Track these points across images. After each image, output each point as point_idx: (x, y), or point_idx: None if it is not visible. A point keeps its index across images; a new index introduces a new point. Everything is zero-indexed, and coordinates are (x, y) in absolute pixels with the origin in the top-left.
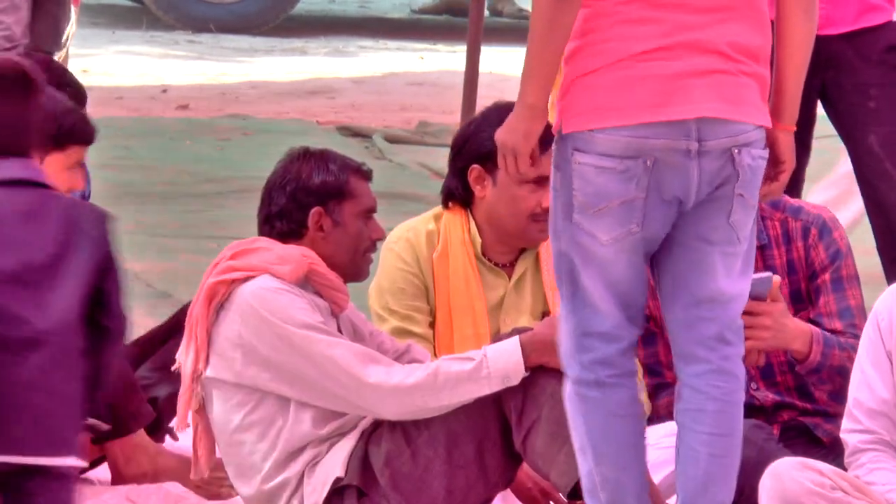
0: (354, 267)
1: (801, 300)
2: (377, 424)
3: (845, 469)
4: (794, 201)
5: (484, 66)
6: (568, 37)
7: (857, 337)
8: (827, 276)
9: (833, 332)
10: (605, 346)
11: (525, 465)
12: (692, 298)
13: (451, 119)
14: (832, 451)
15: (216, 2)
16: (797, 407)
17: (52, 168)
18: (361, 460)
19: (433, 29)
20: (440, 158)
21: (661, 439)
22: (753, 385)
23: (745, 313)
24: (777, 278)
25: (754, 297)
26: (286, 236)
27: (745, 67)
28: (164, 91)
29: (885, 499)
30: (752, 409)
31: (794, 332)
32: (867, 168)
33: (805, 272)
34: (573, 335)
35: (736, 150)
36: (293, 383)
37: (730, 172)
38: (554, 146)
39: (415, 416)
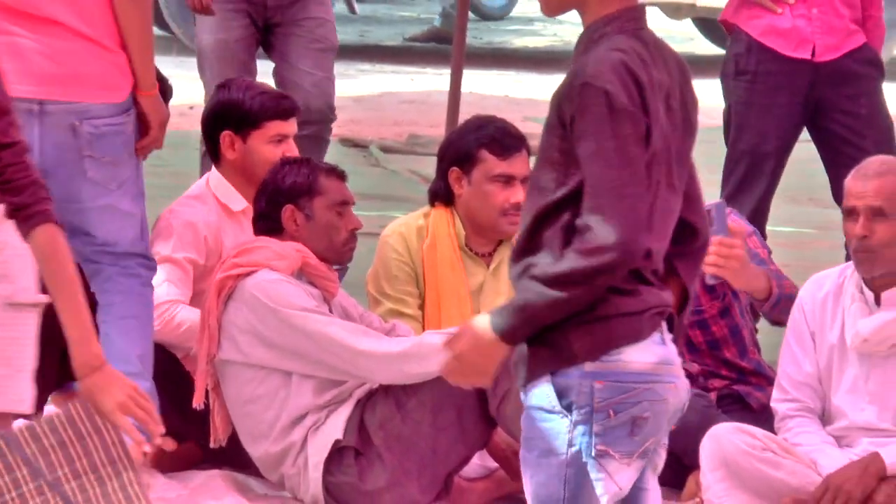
0: (334, 253)
1: (714, 290)
2: (371, 393)
3: (775, 433)
4: None
5: (465, 87)
6: None
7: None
8: None
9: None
10: None
11: (499, 429)
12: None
13: (438, 132)
14: (762, 416)
15: None
16: (724, 376)
17: (256, 144)
18: (358, 424)
19: (422, 55)
20: (428, 166)
21: None
22: (681, 360)
23: (722, 244)
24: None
25: (718, 223)
26: (270, 233)
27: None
28: (191, 108)
29: (809, 458)
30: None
31: (756, 272)
32: None
33: None
34: None
35: (77, 123)
36: (295, 359)
37: (72, 141)
38: None
39: (402, 381)
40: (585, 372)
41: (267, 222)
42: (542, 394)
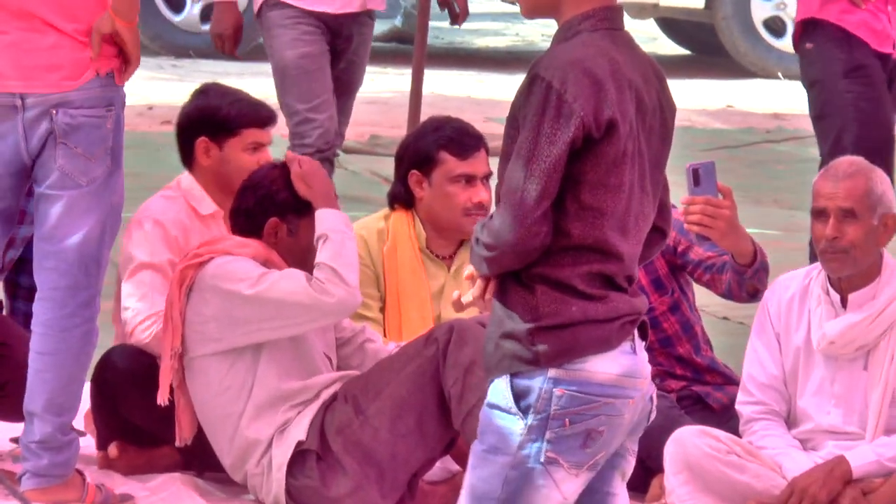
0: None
1: (663, 286)
2: (335, 397)
3: (739, 436)
4: None
5: (427, 87)
6: None
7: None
8: (683, 241)
9: (712, 258)
10: None
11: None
12: (39, 235)
13: (399, 133)
14: (724, 417)
15: (195, 32)
16: (679, 376)
17: (232, 151)
18: (319, 428)
19: (383, 55)
20: (389, 167)
21: None
22: None
23: (708, 204)
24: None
25: (707, 184)
26: (245, 232)
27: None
28: (150, 109)
29: (774, 461)
30: None
31: (743, 234)
32: None
33: (661, 258)
34: None
35: (54, 112)
36: (268, 325)
37: (49, 128)
38: None
39: (355, 296)
40: (548, 377)
41: (249, 221)
42: (499, 393)
